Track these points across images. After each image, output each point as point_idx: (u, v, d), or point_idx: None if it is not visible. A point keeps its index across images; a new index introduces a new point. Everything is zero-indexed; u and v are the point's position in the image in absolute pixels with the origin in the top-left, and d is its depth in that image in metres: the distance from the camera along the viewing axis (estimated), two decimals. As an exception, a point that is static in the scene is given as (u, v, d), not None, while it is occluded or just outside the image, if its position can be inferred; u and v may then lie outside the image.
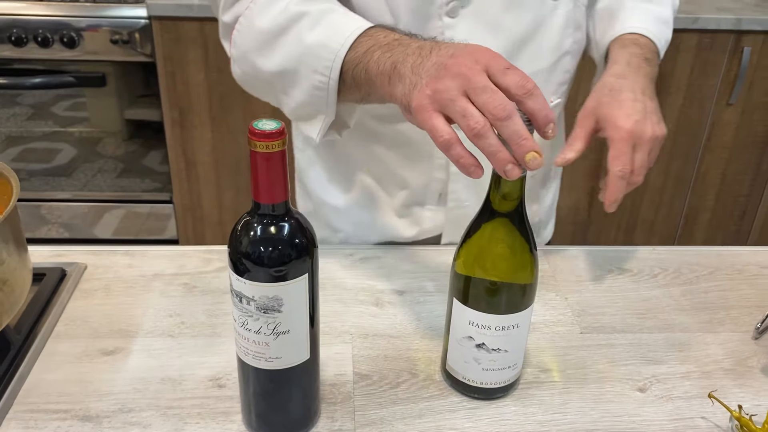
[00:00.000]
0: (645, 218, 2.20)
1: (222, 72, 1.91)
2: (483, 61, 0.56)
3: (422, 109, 0.57)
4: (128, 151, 2.11)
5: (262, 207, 0.53)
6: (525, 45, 0.82)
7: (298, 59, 0.71)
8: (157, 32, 1.84)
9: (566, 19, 0.84)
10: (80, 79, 1.91)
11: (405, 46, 0.62)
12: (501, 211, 0.58)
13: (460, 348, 0.62)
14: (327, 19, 0.70)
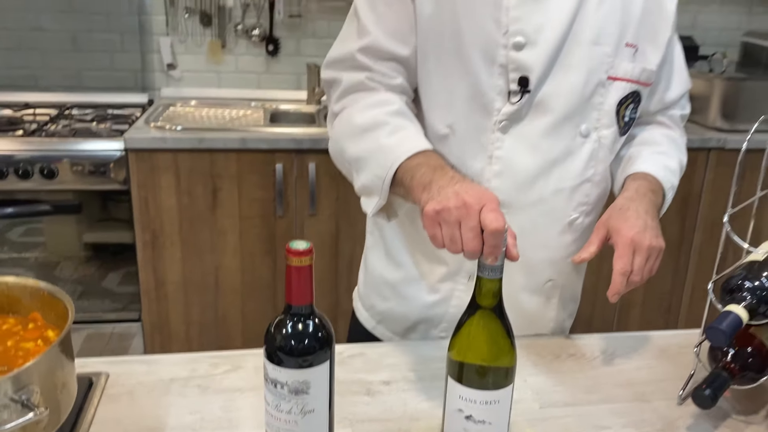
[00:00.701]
0: (583, 313, 2.41)
1: (192, 195, 2.07)
2: (483, 202, 0.77)
3: (428, 218, 0.80)
4: (86, 274, 2.19)
5: (293, 308, 0.68)
6: (555, 167, 1.02)
7: (371, 153, 0.95)
8: (132, 163, 2.00)
9: (591, 152, 1.04)
10: (57, 207, 2.02)
11: (443, 173, 0.87)
12: (484, 306, 0.74)
13: (453, 420, 0.76)
14: (401, 132, 0.95)
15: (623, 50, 1.02)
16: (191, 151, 2.03)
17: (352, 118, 0.99)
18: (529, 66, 0.97)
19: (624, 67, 1.02)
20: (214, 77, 2.58)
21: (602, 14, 0.99)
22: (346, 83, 1.01)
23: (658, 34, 1.06)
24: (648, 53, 1.05)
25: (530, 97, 0.99)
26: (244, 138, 2.05)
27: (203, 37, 2.53)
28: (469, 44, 0.98)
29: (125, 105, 2.42)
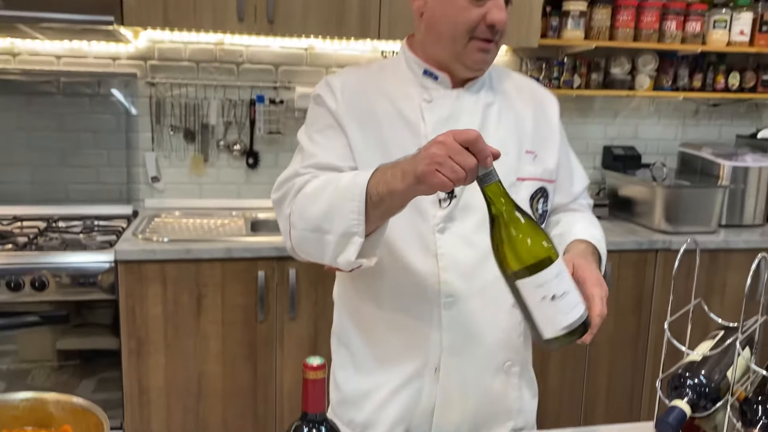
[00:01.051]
0: (551, 409, 2.52)
1: (177, 303, 2.16)
2: (450, 134, 0.92)
3: (427, 173, 0.92)
4: (58, 381, 2.21)
5: (309, 415, 0.80)
6: (490, 256, 1.14)
7: (335, 198, 1.05)
8: (121, 274, 2.10)
9: None
10: (45, 318, 2.09)
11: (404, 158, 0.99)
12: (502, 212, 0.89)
13: (543, 311, 0.88)
14: (350, 173, 1.09)
15: (524, 156, 1.27)
16: (178, 262, 2.14)
17: (304, 191, 1.12)
18: None
19: (528, 169, 1.26)
20: (196, 188, 2.73)
21: (501, 132, 1.25)
22: (294, 187, 1.15)
23: (550, 141, 1.32)
24: (545, 157, 1.30)
25: (457, 202, 1.20)
26: (229, 248, 2.18)
27: (186, 151, 2.70)
28: None
29: (111, 216, 2.54)
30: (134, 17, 2.23)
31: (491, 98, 1.26)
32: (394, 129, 1.21)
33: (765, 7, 2.83)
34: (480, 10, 1.14)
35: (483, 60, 1.19)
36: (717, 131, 3.17)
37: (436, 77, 1.23)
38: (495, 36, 1.17)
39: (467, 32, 1.16)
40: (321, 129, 1.22)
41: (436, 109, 1.22)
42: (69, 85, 2.55)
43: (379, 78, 1.27)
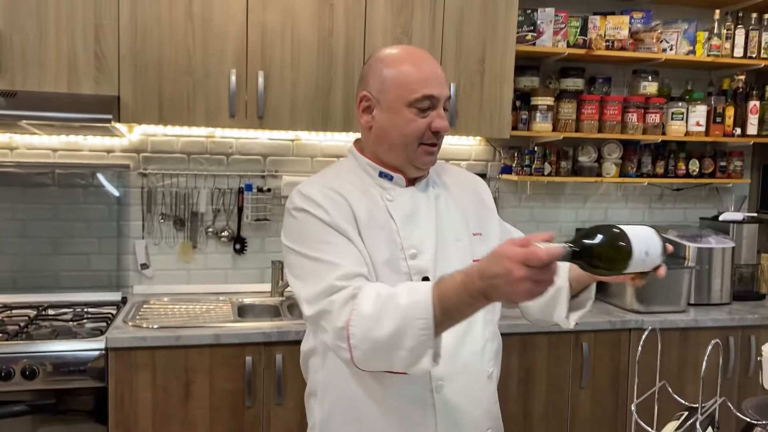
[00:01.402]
0: (536, 492, 2.53)
1: (166, 390, 2.20)
2: (513, 255, 1.00)
3: (521, 298, 1.01)
4: None
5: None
6: (466, 336, 1.34)
7: (402, 318, 1.12)
8: (112, 361, 2.15)
9: (483, 317, 1.37)
10: (34, 407, 2.11)
11: (466, 277, 1.07)
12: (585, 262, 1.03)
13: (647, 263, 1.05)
14: (407, 289, 1.16)
15: (474, 239, 1.43)
16: (168, 348, 2.19)
17: (363, 313, 1.16)
18: (425, 267, 1.34)
19: (481, 250, 1.39)
20: (184, 274, 2.80)
21: (453, 220, 1.42)
22: (338, 302, 1.21)
23: (490, 220, 1.51)
24: (490, 235, 1.47)
25: None
26: (218, 334, 2.24)
27: (176, 238, 2.79)
28: (380, 265, 1.31)
29: (100, 303, 2.59)
30: (131, 115, 2.37)
31: (438, 191, 1.45)
32: (371, 230, 1.33)
33: (717, 100, 3.06)
34: (425, 120, 1.34)
35: (431, 161, 1.40)
36: (682, 214, 3.35)
37: (391, 177, 1.41)
38: (439, 139, 1.38)
39: (416, 140, 1.35)
40: (325, 239, 1.29)
41: (398, 207, 1.37)
42: (64, 176, 2.66)
43: (345, 183, 1.39)
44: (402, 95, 1.34)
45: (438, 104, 1.35)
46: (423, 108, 1.33)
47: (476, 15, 2.61)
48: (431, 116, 1.34)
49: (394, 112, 1.35)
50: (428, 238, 1.36)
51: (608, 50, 2.88)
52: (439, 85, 1.35)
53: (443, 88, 1.36)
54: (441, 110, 1.35)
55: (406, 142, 1.35)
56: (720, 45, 2.99)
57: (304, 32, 2.47)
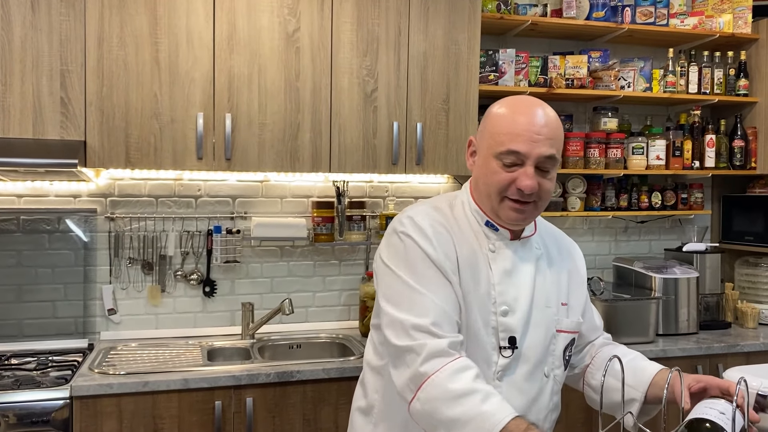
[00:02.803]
0: None
1: (133, 439, 2.15)
2: None
3: None
4: None
5: None
6: (534, 403, 1.35)
7: (472, 417, 1.15)
8: (77, 410, 2.09)
9: (551, 388, 1.39)
10: (-5, 461, 2.04)
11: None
12: None
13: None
14: (492, 399, 1.17)
15: (561, 309, 1.41)
16: (135, 395, 2.15)
17: (445, 383, 1.18)
18: (514, 327, 1.33)
19: (565, 322, 1.41)
20: (153, 319, 2.77)
21: (547, 285, 1.39)
22: (430, 349, 1.21)
23: (579, 292, 1.48)
24: (575, 307, 1.45)
25: (518, 352, 1.33)
26: (186, 378, 2.21)
27: (144, 282, 2.76)
28: (472, 310, 1.31)
29: (66, 351, 2.54)
30: (98, 159, 2.36)
31: (539, 252, 1.41)
32: (470, 276, 1.32)
33: (676, 134, 3.16)
34: (510, 175, 1.28)
35: (516, 218, 1.33)
36: (647, 245, 3.42)
37: (497, 229, 1.37)
38: (529, 198, 1.30)
39: (498, 193, 1.31)
40: (427, 273, 1.29)
41: (499, 260, 1.35)
42: (29, 222, 2.63)
43: (454, 222, 1.38)
44: (491, 145, 1.31)
45: (527, 162, 1.28)
46: (508, 163, 1.28)
47: (440, 56, 2.68)
48: (518, 173, 1.28)
49: (484, 160, 1.32)
50: (522, 298, 1.34)
51: (568, 88, 2.97)
52: (530, 142, 1.27)
53: (537, 146, 1.27)
54: (529, 169, 1.27)
55: (489, 192, 1.32)
56: (675, 82, 3.11)
57: (271, 75, 2.51)
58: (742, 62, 3.19)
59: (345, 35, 2.58)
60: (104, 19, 2.35)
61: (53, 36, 2.32)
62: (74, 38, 2.34)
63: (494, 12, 2.88)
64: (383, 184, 3.03)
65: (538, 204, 1.32)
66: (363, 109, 2.61)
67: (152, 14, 2.39)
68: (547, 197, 1.33)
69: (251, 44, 2.49)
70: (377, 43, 2.61)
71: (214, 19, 2.45)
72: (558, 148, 1.31)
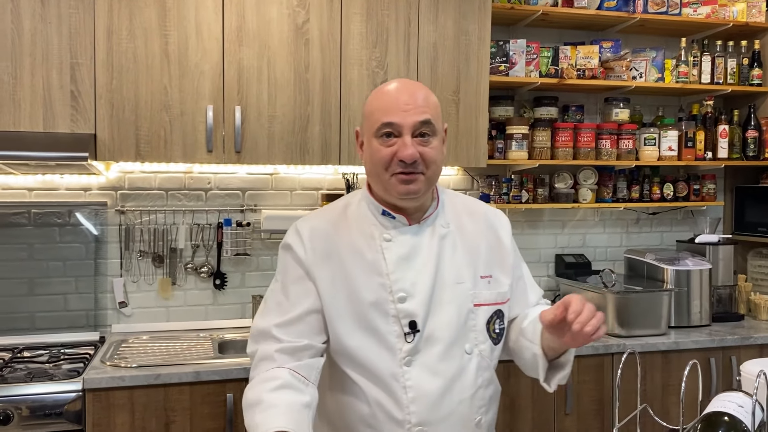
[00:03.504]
0: None
1: (145, 431, 2.15)
2: None
3: None
4: None
5: None
6: (454, 383, 1.33)
7: (249, 425, 1.20)
8: (89, 402, 2.10)
9: (477, 364, 1.36)
10: (9, 454, 2.05)
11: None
12: None
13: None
14: (269, 411, 1.18)
15: (480, 282, 1.40)
16: (147, 387, 2.15)
17: (247, 391, 1.27)
18: (414, 311, 1.32)
19: (484, 295, 1.39)
20: (164, 312, 2.77)
21: (457, 262, 1.38)
22: (259, 355, 1.31)
23: (504, 263, 1.45)
24: (500, 279, 1.43)
25: (421, 335, 1.32)
26: (197, 371, 2.21)
27: (155, 275, 2.76)
28: (365, 304, 1.32)
29: (78, 344, 2.55)
30: (108, 153, 2.36)
31: (445, 230, 1.40)
32: (357, 269, 1.34)
33: (688, 125, 3.13)
34: (391, 149, 1.31)
35: (407, 190, 1.33)
36: (659, 237, 3.39)
37: (393, 217, 1.38)
38: (415, 168, 1.31)
39: (385, 168, 1.32)
40: (294, 280, 1.35)
41: (394, 248, 1.35)
42: (40, 215, 2.64)
43: (344, 219, 1.40)
44: (369, 127, 1.35)
45: (403, 132, 1.30)
46: (387, 137, 1.31)
47: (450, 47, 2.66)
48: (398, 144, 1.30)
49: (368, 143, 1.36)
50: (422, 281, 1.34)
51: (580, 79, 2.95)
52: (401, 113, 1.30)
53: (408, 115, 1.30)
54: (407, 138, 1.30)
55: (377, 171, 1.34)
56: (688, 72, 3.08)
57: (281, 67, 2.50)
58: (755, 52, 3.16)
59: (354, 26, 2.56)
60: (113, 11, 2.35)
61: (63, 29, 2.32)
62: (84, 31, 2.33)
63: (504, 2, 2.86)
64: (393, 177, 3.01)
65: (427, 174, 1.33)
66: (373, 100, 2.59)
67: (161, 6, 2.38)
68: (434, 166, 1.34)
69: (260, 36, 2.48)
70: (387, 34, 2.59)
71: (223, 11, 2.43)
72: (433, 114, 1.33)
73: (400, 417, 1.30)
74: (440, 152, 1.35)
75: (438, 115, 1.36)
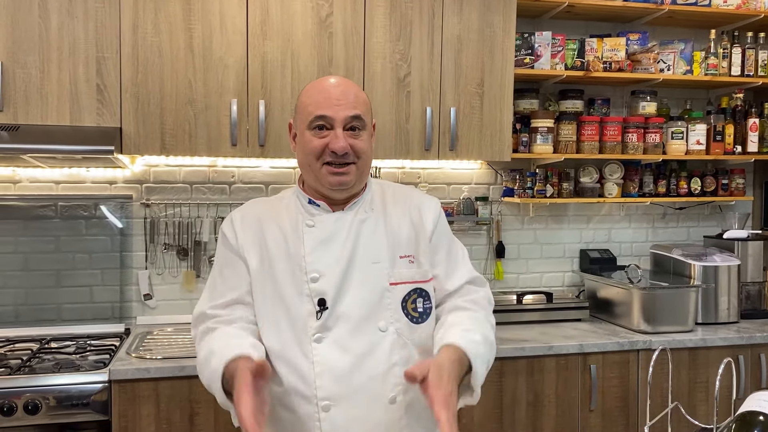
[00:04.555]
0: None
1: (170, 422, 2.17)
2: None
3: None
4: None
5: None
6: (365, 359, 1.36)
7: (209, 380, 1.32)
8: (115, 393, 2.12)
9: (392, 342, 1.38)
10: (38, 444, 2.08)
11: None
12: None
13: None
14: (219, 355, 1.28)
15: (399, 262, 1.43)
16: (172, 379, 2.17)
17: (197, 360, 1.39)
18: (324, 290, 1.37)
19: (402, 273, 1.42)
20: (188, 304, 2.79)
21: (374, 243, 1.43)
22: (200, 332, 1.41)
23: (425, 245, 1.47)
24: (422, 260, 1.45)
25: (331, 312, 1.37)
26: (222, 363, 2.22)
27: (179, 268, 2.78)
28: (284, 285, 1.39)
29: (103, 335, 2.57)
30: (133, 146, 2.38)
31: (365, 215, 1.46)
32: (279, 253, 1.41)
33: (717, 118, 3.07)
34: (323, 140, 1.37)
35: (338, 181, 1.40)
36: (685, 232, 3.34)
37: (318, 205, 1.44)
38: (345, 159, 1.37)
39: (316, 159, 1.39)
40: (226, 263, 1.45)
41: (315, 232, 1.42)
42: (66, 208, 2.67)
43: (275, 208, 1.49)
44: (303, 119, 1.41)
45: (335, 124, 1.37)
46: (319, 129, 1.38)
47: (474, 40, 2.64)
48: (330, 137, 1.37)
49: (300, 135, 1.42)
50: (336, 262, 1.39)
51: (606, 72, 2.90)
52: (333, 107, 1.37)
53: (340, 109, 1.37)
54: (339, 131, 1.37)
55: (308, 162, 1.40)
56: (717, 64, 3.02)
57: (304, 61, 2.50)
58: (787, 43, 3.08)
59: (378, 19, 2.55)
60: (138, 5, 2.36)
61: (89, 23, 2.33)
62: (109, 25, 2.35)
63: (530, -6, 2.82)
64: (415, 171, 3.00)
65: (358, 164, 1.40)
66: (396, 94, 2.58)
67: (186, 0, 2.39)
68: (364, 157, 1.41)
69: (284, 30, 2.47)
70: (410, 26, 2.58)
71: (247, 5, 2.43)
72: (363, 110, 1.40)
73: (308, 393, 1.34)
74: (369, 145, 1.44)
75: (367, 111, 1.43)
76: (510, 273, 3.10)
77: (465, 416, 2.39)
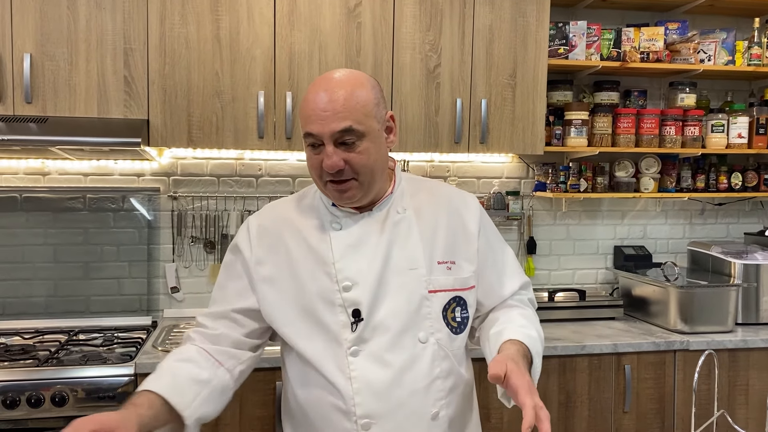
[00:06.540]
0: None
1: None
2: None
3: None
4: None
5: None
6: (405, 373, 1.26)
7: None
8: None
9: (432, 354, 1.29)
10: (64, 434, 2.07)
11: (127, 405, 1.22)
12: None
13: None
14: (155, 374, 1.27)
15: (437, 268, 1.33)
16: (197, 373, 2.15)
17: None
18: (358, 300, 1.27)
19: (440, 281, 1.32)
20: (214, 298, 2.78)
21: (410, 248, 1.32)
22: (183, 337, 1.41)
23: (467, 250, 1.37)
24: (462, 265, 1.35)
25: (367, 323, 1.27)
26: (247, 358, 2.19)
27: (206, 261, 2.77)
28: (312, 294, 1.29)
29: (130, 328, 2.57)
30: (160, 138, 2.36)
31: (399, 216, 1.35)
32: (305, 259, 1.32)
33: (760, 111, 2.95)
34: (318, 157, 1.26)
35: (342, 198, 1.29)
36: (725, 229, 3.22)
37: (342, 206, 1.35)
38: (340, 176, 1.25)
39: (318, 176, 1.30)
40: (229, 275, 1.39)
41: (342, 237, 1.32)
42: (95, 200, 2.67)
43: (295, 211, 1.40)
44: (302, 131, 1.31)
45: (324, 141, 1.23)
46: (313, 146, 1.26)
47: (506, 29, 2.56)
48: (323, 154, 1.25)
49: (304, 146, 1.31)
50: (370, 268, 1.29)
51: (643, 62, 2.80)
52: (319, 121, 1.22)
53: (326, 124, 1.22)
54: (329, 148, 1.23)
55: (313, 177, 1.32)
56: (761, 54, 2.89)
57: (332, 52, 2.45)
58: (836, 32, 2.95)
59: (407, 8, 2.49)
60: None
61: (116, 14, 2.32)
62: (137, 16, 2.33)
63: (564, -18, 2.74)
64: (444, 164, 2.94)
65: (359, 179, 1.27)
66: (425, 85, 2.52)
67: (213, -9, 2.37)
68: (365, 171, 1.26)
69: (312, 20, 2.43)
70: (441, 16, 2.51)
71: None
72: (354, 119, 1.23)
73: (345, 409, 1.26)
74: (372, 154, 1.26)
75: (366, 115, 1.25)
76: (541, 270, 3.03)
77: (494, 416, 2.34)
